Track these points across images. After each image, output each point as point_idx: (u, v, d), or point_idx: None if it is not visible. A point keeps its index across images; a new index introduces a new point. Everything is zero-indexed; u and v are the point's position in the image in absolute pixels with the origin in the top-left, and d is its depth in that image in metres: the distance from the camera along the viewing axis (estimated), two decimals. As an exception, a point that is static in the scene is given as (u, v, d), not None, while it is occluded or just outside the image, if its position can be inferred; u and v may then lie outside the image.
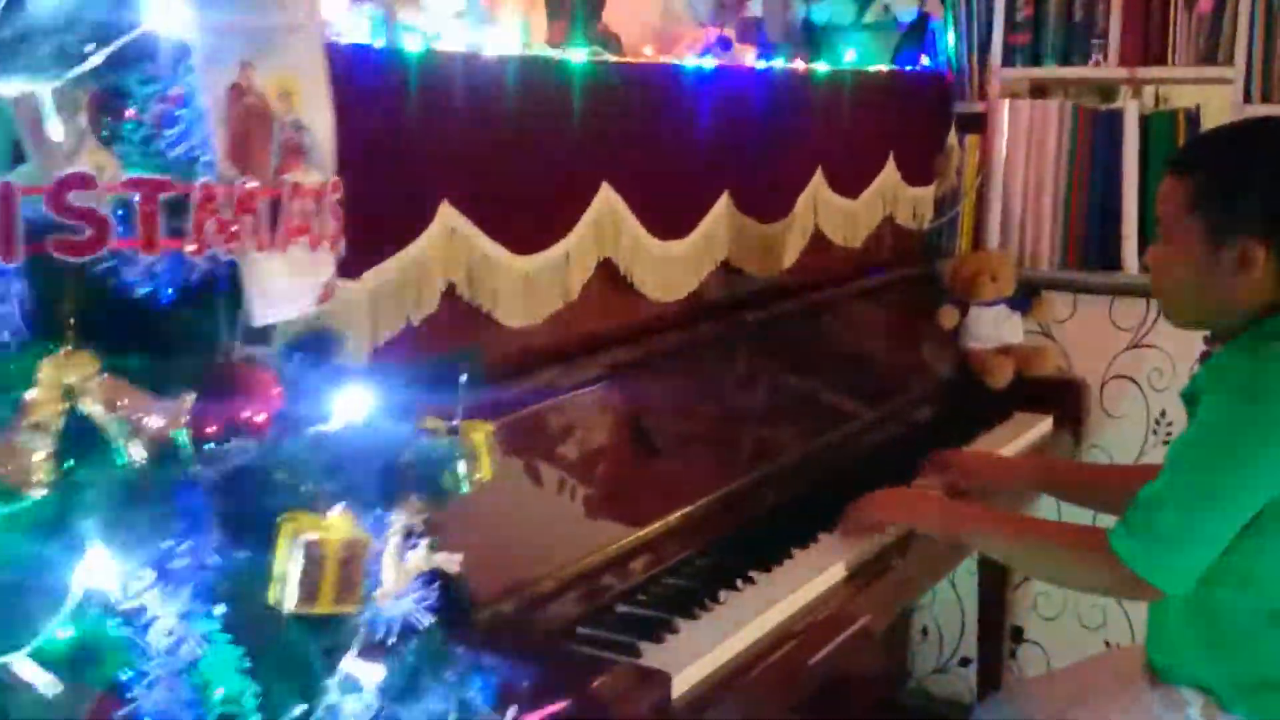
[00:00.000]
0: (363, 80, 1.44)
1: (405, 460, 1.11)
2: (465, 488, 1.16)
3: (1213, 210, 1.63)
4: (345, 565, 1.00)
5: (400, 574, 1.11)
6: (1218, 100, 2.73)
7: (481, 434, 1.18)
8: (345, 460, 1.05)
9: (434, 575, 1.15)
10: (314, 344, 1.20)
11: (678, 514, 1.84)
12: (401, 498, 1.11)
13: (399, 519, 1.11)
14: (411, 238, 1.53)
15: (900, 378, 2.71)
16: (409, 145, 1.51)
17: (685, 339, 2.10)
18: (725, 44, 2.49)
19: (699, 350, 2.12)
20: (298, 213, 1.04)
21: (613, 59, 1.92)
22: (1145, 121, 2.79)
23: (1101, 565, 1.62)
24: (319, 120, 1.10)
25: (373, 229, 1.46)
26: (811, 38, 2.97)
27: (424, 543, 1.14)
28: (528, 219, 1.73)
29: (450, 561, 1.15)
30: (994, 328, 2.87)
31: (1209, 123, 2.70)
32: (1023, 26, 2.92)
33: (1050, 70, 2.92)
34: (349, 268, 1.41)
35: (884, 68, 2.72)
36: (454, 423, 1.17)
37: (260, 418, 1.04)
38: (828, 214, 2.51)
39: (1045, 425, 2.73)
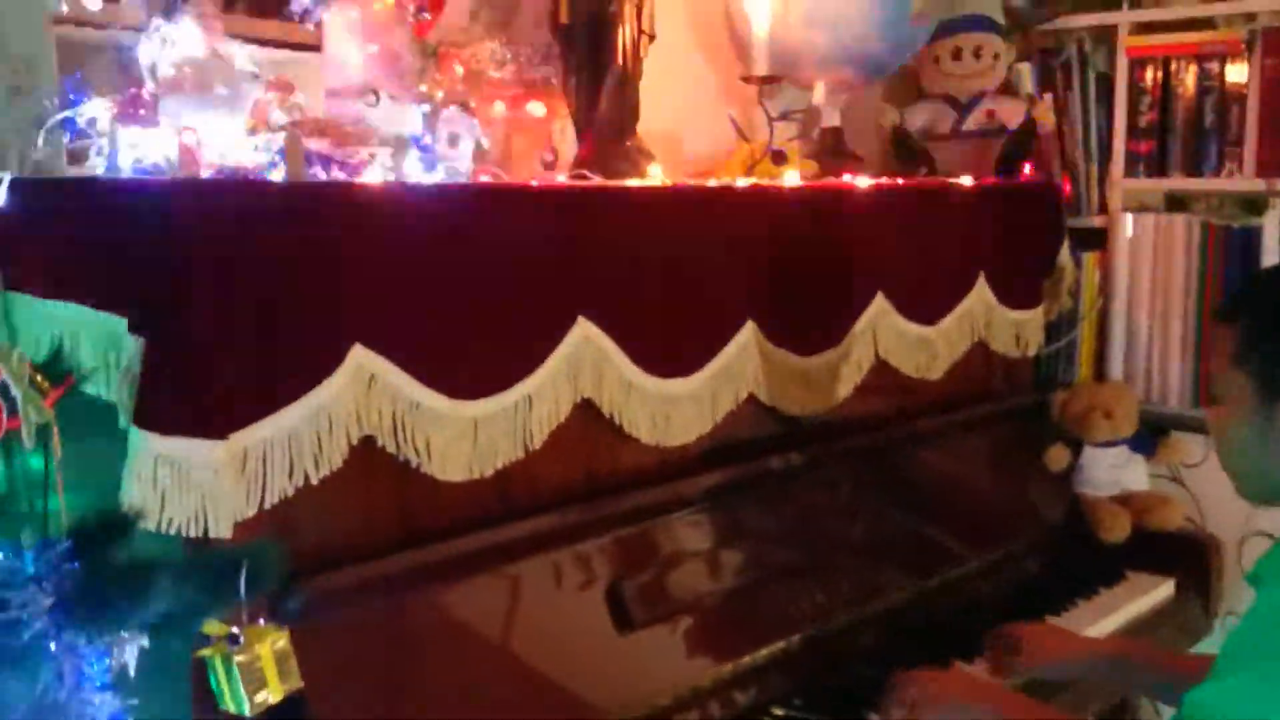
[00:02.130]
0: (248, 215, 1.30)
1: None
2: (246, 709, 0.97)
3: (1260, 360, 1.33)
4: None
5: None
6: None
7: (268, 645, 0.99)
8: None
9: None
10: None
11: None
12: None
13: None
14: (304, 388, 1.36)
15: (995, 527, 2.38)
16: (306, 284, 1.36)
17: (720, 481, 1.88)
18: (781, 158, 2.28)
19: (741, 494, 1.90)
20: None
21: (584, 184, 1.73)
22: (1287, 239, 2.42)
23: None
24: None
25: (255, 379, 1.31)
26: (904, 147, 2.72)
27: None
28: (473, 359, 1.55)
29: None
30: (1111, 472, 2.52)
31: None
32: (1146, 133, 2.60)
33: (1178, 181, 2.58)
34: (212, 426, 1.26)
35: (969, 179, 2.44)
36: (235, 630, 0.98)
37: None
38: (894, 343, 2.24)
39: (1165, 590, 2.35)
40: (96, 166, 1.39)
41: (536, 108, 2.22)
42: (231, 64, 1.58)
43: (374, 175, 1.46)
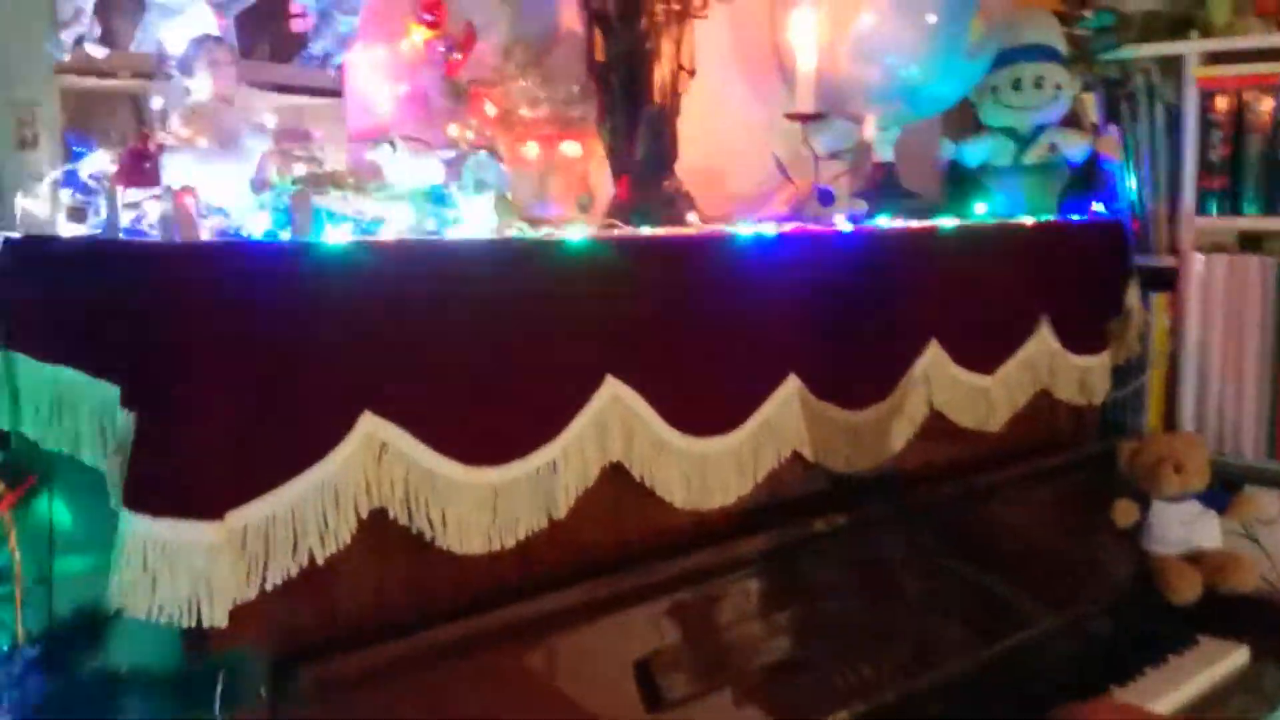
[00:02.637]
0: (247, 280, 1.22)
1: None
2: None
3: None
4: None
5: None
6: None
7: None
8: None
9: None
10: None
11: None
12: None
13: None
14: (309, 461, 1.28)
15: (1057, 589, 2.24)
16: (310, 351, 1.27)
17: (761, 546, 1.78)
18: (828, 197, 2.17)
19: (784, 559, 1.79)
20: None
21: (612, 235, 1.64)
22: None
23: None
24: None
25: (255, 453, 1.23)
26: (961, 182, 2.60)
27: None
28: (493, 424, 1.46)
29: None
30: (1181, 529, 2.36)
31: None
32: (1218, 168, 2.46)
33: (1253, 220, 2.43)
34: (207, 506, 1.18)
35: (1029, 217, 2.31)
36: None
37: None
38: (950, 393, 2.12)
39: (1240, 656, 2.19)
40: (94, 225, 1.32)
41: (572, 148, 2.13)
42: (245, 113, 1.51)
43: (388, 231, 1.38)
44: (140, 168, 1.36)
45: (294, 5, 1.69)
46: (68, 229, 1.33)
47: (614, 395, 1.59)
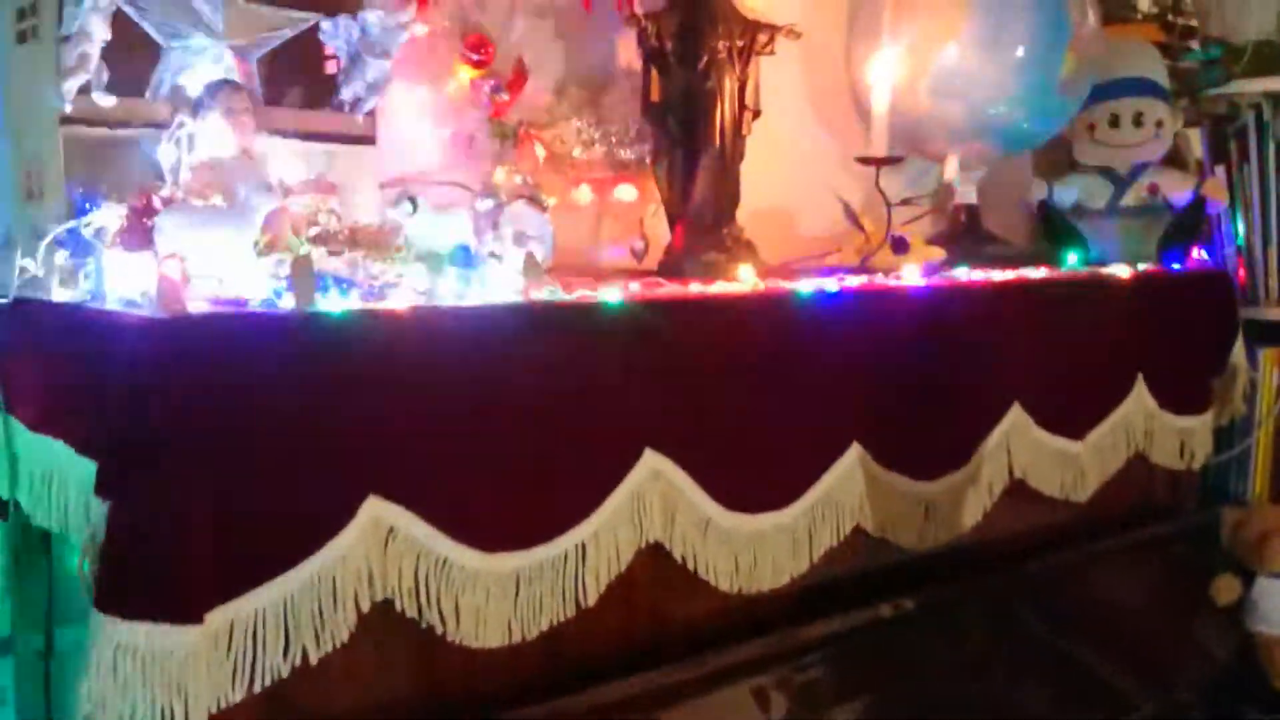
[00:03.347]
0: (233, 356, 1.12)
1: None
2: None
3: None
4: None
5: None
6: None
7: None
8: None
9: None
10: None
11: None
12: None
13: None
14: (305, 551, 1.17)
15: (1150, 673, 2.05)
16: (307, 432, 1.16)
17: (818, 634, 1.63)
18: (902, 245, 2.02)
19: (844, 648, 1.64)
20: None
21: (654, 295, 1.50)
22: None
23: None
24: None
25: (242, 544, 1.13)
26: (1052, 226, 2.42)
27: None
28: (514, 504, 1.33)
29: None
30: (1292, 608, 2.16)
31: None
32: (1338, 213, 2.25)
33: (1378, 271, 2.22)
34: (185, 607, 1.08)
35: (1126, 266, 2.13)
36: None
37: None
38: (1033, 460, 1.95)
39: (1354, 753, 1.99)
40: (84, 292, 1.23)
41: (627, 191, 2.02)
42: (263, 165, 1.41)
43: (401, 297, 1.26)
44: (142, 227, 1.27)
45: (327, 47, 1.59)
46: (59, 292, 1.25)
47: (653, 470, 1.46)
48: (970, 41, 2.11)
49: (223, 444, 1.10)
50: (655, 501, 1.46)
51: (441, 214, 1.40)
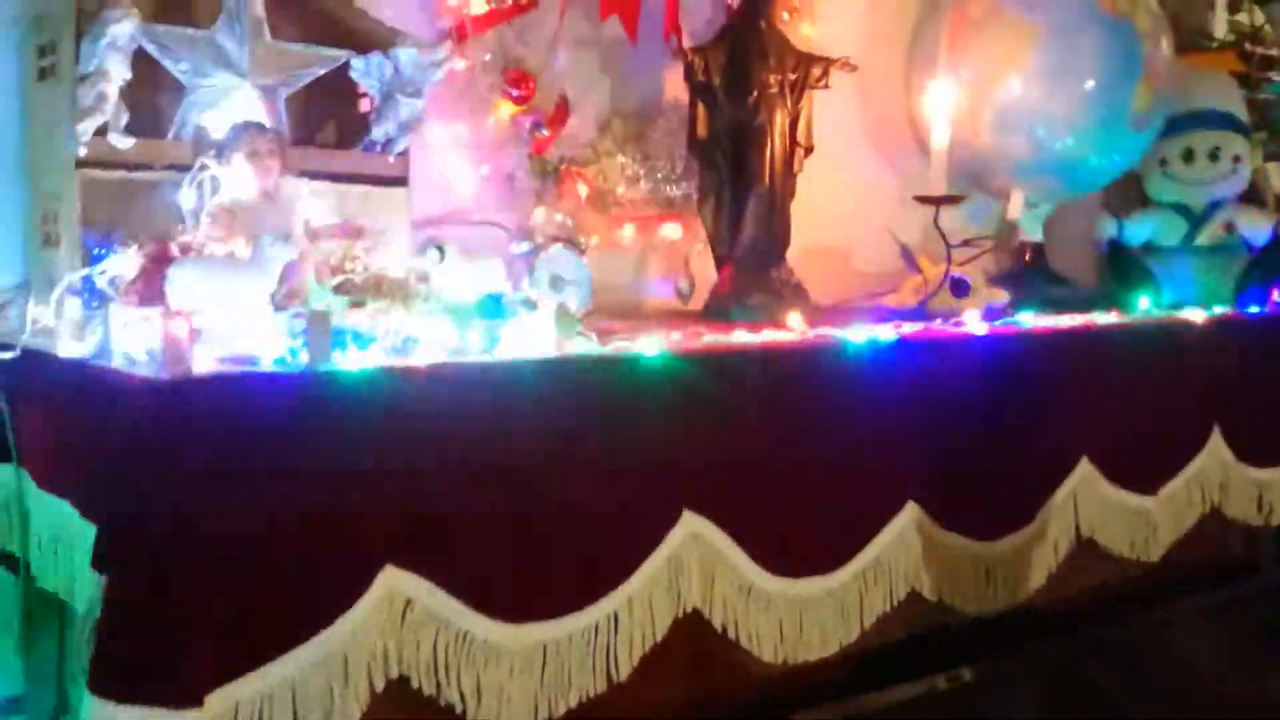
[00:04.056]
0: (239, 419, 1.05)
1: None
2: None
3: None
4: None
5: None
6: None
7: None
8: None
9: None
10: None
11: None
12: None
13: None
14: (314, 627, 1.09)
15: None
16: (317, 499, 1.09)
17: (870, 709, 1.53)
18: (962, 288, 1.92)
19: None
20: None
21: (694, 347, 1.42)
22: None
23: None
24: None
25: (247, 621, 1.06)
26: (1123, 266, 2.31)
27: None
28: (540, 573, 1.25)
29: None
30: (1381, 676, 2.01)
31: None
32: None
33: None
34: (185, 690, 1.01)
35: (1201, 311, 2.01)
36: None
37: None
38: (1102, 517, 1.84)
39: None
40: (92, 345, 1.17)
41: (672, 230, 1.94)
42: (289, 208, 1.35)
43: (426, 352, 1.19)
44: (156, 278, 1.21)
45: (359, 86, 1.53)
46: (67, 345, 1.19)
47: (692, 533, 1.37)
48: (1036, 73, 2.01)
49: (225, 514, 1.03)
50: (694, 566, 1.38)
51: (472, 261, 1.33)
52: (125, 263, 1.26)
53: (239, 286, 1.16)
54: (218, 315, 1.14)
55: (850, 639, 1.53)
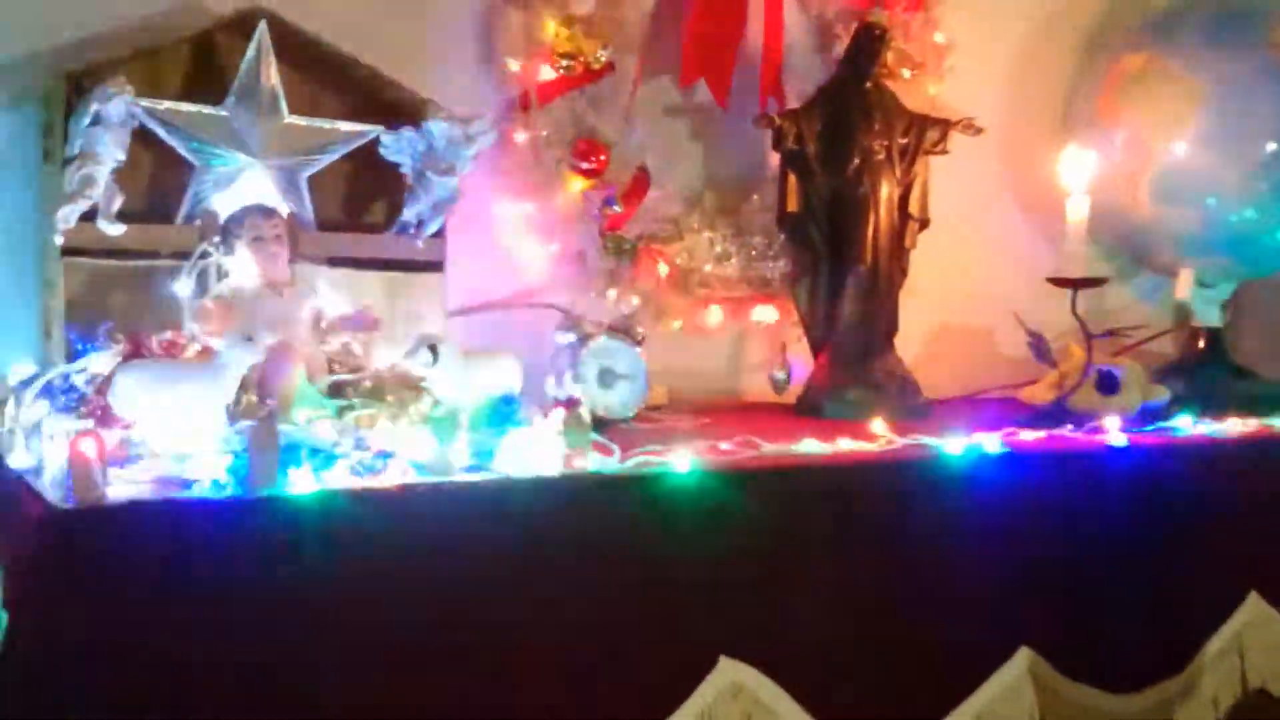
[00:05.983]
0: (143, 559, 0.91)
1: None
2: None
3: None
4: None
5: None
6: None
7: None
8: None
9: None
10: None
11: None
12: None
13: None
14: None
15: None
16: (241, 652, 0.94)
17: None
18: (1110, 383, 1.64)
19: None
20: None
21: (738, 460, 1.21)
22: None
23: None
24: None
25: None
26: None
27: None
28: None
29: None
30: None
31: None
32: None
33: None
34: None
35: None
36: None
37: None
38: (1277, 665, 1.52)
39: None
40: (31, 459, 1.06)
41: (767, 313, 1.73)
42: (298, 299, 1.22)
43: (397, 472, 1.03)
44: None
45: (389, 163, 1.40)
46: (20, 455, 1.09)
47: (731, 682, 1.17)
48: (1203, 136, 1.72)
49: (114, 665, 0.88)
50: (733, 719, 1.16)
51: (479, 361, 1.17)
52: (105, 361, 1.15)
53: (186, 394, 1.03)
54: (159, 428, 1.02)
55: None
